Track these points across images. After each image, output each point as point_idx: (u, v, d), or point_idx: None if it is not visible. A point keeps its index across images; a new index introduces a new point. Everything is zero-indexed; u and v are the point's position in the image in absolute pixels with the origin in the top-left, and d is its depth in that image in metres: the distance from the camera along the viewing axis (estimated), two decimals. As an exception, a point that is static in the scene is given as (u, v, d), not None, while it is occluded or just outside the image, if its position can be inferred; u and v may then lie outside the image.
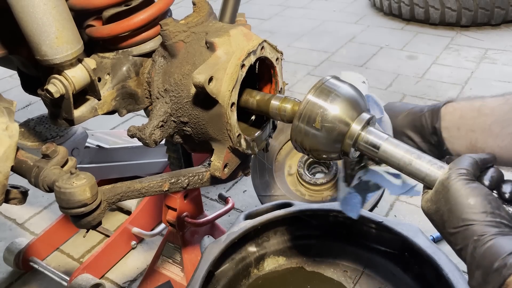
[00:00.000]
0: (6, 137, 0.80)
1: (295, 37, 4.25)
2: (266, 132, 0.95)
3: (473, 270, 0.64)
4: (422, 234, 1.17)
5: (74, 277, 1.84)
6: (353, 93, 0.79)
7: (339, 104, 0.77)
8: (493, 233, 0.63)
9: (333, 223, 1.30)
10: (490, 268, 0.61)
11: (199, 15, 0.87)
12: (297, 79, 3.52)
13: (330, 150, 0.80)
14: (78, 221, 0.77)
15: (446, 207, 0.68)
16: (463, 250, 0.66)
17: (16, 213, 2.44)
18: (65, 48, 0.77)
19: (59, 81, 0.80)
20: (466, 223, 0.65)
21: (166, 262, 1.76)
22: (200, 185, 0.93)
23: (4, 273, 2.09)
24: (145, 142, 0.82)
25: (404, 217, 2.17)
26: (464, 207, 0.65)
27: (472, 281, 0.65)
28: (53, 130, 1.67)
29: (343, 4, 4.96)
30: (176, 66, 0.83)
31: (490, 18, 3.96)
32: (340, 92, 0.77)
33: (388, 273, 1.25)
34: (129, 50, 0.91)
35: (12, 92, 3.46)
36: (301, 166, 1.92)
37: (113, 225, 2.27)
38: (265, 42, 0.84)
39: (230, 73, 0.78)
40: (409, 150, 0.76)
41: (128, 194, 0.83)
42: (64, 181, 0.73)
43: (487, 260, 0.62)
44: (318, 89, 0.78)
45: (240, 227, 1.24)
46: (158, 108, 0.84)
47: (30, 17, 0.73)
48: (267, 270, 1.32)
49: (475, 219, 0.64)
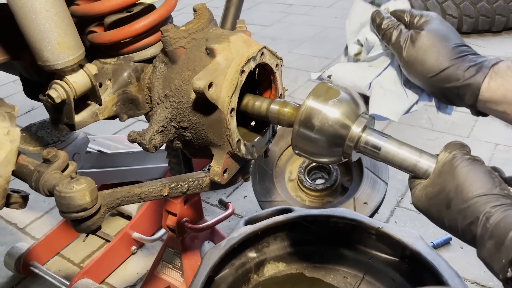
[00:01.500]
0: (7, 142, 0.81)
1: (297, 43, 4.26)
2: (266, 137, 0.95)
3: (485, 240, 0.64)
4: (423, 241, 1.17)
5: (74, 282, 1.84)
6: (351, 95, 0.80)
7: (339, 107, 0.77)
8: (507, 203, 0.64)
9: (334, 229, 1.30)
10: (505, 237, 0.61)
11: (200, 21, 0.87)
12: (299, 85, 3.53)
13: (331, 153, 0.81)
14: (78, 226, 0.77)
15: (453, 184, 0.68)
16: (474, 223, 0.66)
17: (17, 217, 2.44)
18: (67, 53, 0.78)
19: (61, 87, 0.80)
20: (478, 194, 0.66)
21: (166, 267, 1.76)
22: (199, 190, 0.93)
23: (5, 277, 2.09)
24: (145, 147, 0.82)
25: (404, 223, 2.16)
26: (474, 181, 0.67)
27: (482, 252, 0.65)
28: (55, 135, 1.68)
29: (345, 11, 4.98)
30: (177, 72, 0.84)
31: (491, 25, 3.97)
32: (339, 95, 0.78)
33: (388, 279, 1.25)
34: (130, 56, 0.92)
35: (15, 97, 3.47)
36: (302, 172, 1.93)
37: (114, 230, 2.27)
38: (265, 49, 0.85)
39: (230, 79, 0.78)
40: (412, 149, 0.77)
41: (127, 199, 0.83)
42: (64, 185, 0.74)
43: (502, 230, 0.62)
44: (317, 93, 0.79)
45: (240, 233, 1.24)
46: (158, 113, 0.85)
47: (32, 23, 0.74)
48: (267, 276, 1.32)
49: (486, 192, 0.65)
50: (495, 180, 0.67)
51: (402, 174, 2.55)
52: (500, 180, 0.68)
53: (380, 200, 1.76)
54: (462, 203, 0.67)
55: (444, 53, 0.83)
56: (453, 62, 0.82)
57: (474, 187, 0.67)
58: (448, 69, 0.82)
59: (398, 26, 0.88)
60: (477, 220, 0.65)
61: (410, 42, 0.85)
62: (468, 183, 0.67)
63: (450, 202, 0.69)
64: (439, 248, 1.94)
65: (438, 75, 0.83)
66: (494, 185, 0.66)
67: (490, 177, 0.67)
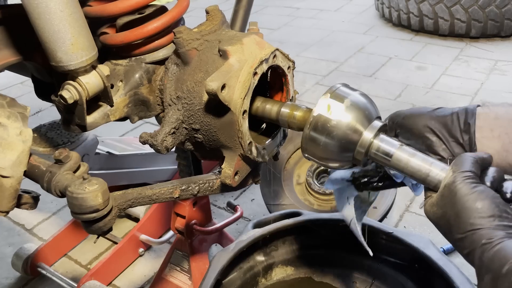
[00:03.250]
0: (19, 142, 0.81)
1: (304, 47, 4.26)
2: (277, 140, 0.95)
3: (482, 274, 0.63)
4: (433, 246, 1.16)
5: (82, 283, 1.84)
6: (364, 100, 0.79)
7: (351, 112, 0.76)
8: (501, 237, 0.62)
9: (343, 233, 1.29)
10: (499, 272, 0.60)
11: (212, 23, 0.87)
12: (306, 88, 3.52)
13: (341, 158, 0.79)
14: (90, 227, 0.77)
15: (453, 211, 0.67)
16: (471, 254, 0.65)
17: (25, 218, 2.45)
18: (80, 54, 0.78)
19: (73, 87, 0.80)
20: (473, 227, 0.64)
21: (173, 270, 1.75)
22: (210, 192, 0.93)
23: (12, 278, 2.10)
24: (156, 149, 0.82)
25: (414, 228, 2.14)
26: (472, 211, 0.65)
27: (481, 285, 0.64)
28: (64, 136, 1.69)
29: (352, 14, 4.98)
30: (189, 74, 0.84)
31: (500, 30, 3.95)
32: (351, 100, 0.77)
33: (398, 284, 1.24)
34: (142, 58, 0.92)
35: (23, 98, 3.49)
36: (310, 175, 1.92)
37: (121, 232, 2.27)
38: (277, 51, 0.85)
39: (243, 81, 0.78)
40: (424, 159, 0.74)
41: (139, 201, 0.83)
42: (76, 186, 0.74)
43: (496, 264, 0.61)
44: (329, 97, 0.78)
45: (249, 236, 1.24)
46: (170, 115, 0.85)
47: (46, 24, 0.74)
48: (275, 279, 1.31)
49: (482, 224, 0.64)
50: (498, 207, 0.65)
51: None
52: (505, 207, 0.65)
53: (389, 205, 1.75)
54: (459, 233, 0.66)
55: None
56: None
57: (472, 217, 0.64)
58: None
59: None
60: (474, 252, 0.64)
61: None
62: (466, 213, 0.65)
63: (450, 229, 0.68)
64: (449, 254, 1.92)
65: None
66: (493, 215, 0.64)
67: (490, 206, 0.64)
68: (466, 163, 0.70)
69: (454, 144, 0.85)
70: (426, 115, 0.88)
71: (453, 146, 0.85)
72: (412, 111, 0.91)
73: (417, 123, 0.88)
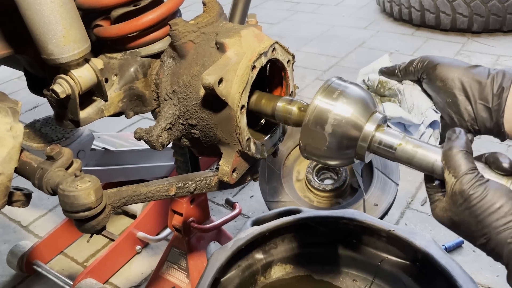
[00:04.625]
0: (10, 138, 0.78)
1: (304, 41, 4.23)
2: (276, 136, 0.92)
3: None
4: (435, 244, 1.14)
5: (78, 281, 1.82)
6: (362, 93, 0.75)
7: (350, 105, 0.73)
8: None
9: (343, 231, 1.27)
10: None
11: (209, 15, 0.84)
12: (306, 83, 3.49)
13: (342, 156, 0.76)
14: (82, 225, 0.75)
15: (471, 217, 0.67)
16: (498, 253, 0.66)
17: (21, 215, 2.43)
18: (72, 47, 0.75)
19: (65, 81, 0.78)
20: (497, 229, 0.65)
21: (171, 268, 1.73)
22: (207, 190, 0.91)
23: (7, 276, 2.08)
24: (152, 145, 0.80)
25: (415, 225, 2.12)
26: (492, 214, 0.65)
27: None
28: (59, 131, 1.66)
29: (352, 9, 4.94)
30: (185, 67, 0.81)
31: (502, 25, 3.91)
32: (349, 93, 0.74)
33: (399, 283, 1.22)
34: (137, 51, 0.89)
35: (20, 93, 3.47)
36: (310, 171, 1.89)
37: (118, 229, 2.25)
38: (277, 44, 0.82)
39: (241, 75, 0.75)
40: (430, 148, 0.72)
41: (133, 198, 0.80)
42: (68, 183, 0.71)
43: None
44: (325, 91, 0.75)
45: (247, 234, 1.21)
46: (166, 110, 0.82)
47: (36, 15, 0.71)
48: (274, 278, 1.29)
49: (506, 223, 0.64)
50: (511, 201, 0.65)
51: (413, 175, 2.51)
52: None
53: (390, 202, 1.72)
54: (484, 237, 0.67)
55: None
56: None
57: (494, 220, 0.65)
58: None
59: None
60: (501, 251, 0.65)
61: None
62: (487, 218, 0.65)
63: (473, 234, 0.68)
64: (451, 252, 1.90)
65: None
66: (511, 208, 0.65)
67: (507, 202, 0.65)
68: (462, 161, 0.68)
69: (481, 107, 0.82)
70: (462, 69, 0.84)
71: (479, 109, 0.82)
72: (449, 61, 0.87)
73: (451, 75, 0.85)
